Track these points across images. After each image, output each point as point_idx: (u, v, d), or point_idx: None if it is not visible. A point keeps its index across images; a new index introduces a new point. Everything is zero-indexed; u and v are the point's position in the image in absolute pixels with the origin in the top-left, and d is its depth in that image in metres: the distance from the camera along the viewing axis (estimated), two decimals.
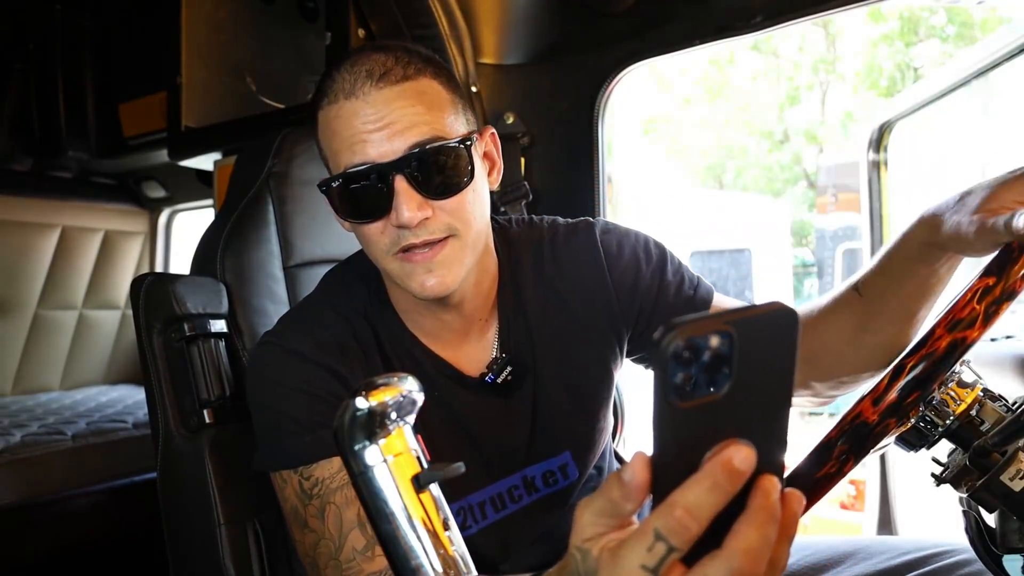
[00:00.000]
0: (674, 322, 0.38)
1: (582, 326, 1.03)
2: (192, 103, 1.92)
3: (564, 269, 1.04)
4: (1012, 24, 1.78)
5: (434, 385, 0.98)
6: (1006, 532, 0.71)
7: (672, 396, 0.38)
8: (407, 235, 0.87)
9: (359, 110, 0.86)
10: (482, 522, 1.00)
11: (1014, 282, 0.67)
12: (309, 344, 0.94)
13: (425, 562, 0.53)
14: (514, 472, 1.02)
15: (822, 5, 1.29)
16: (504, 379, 0.98)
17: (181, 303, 1.18)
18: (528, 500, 1.02)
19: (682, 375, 0.38)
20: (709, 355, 0.38)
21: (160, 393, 1.18)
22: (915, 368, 0.66)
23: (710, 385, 0.39)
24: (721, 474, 0.39)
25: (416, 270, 0.89)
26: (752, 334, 0.39)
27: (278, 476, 0.92)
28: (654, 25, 1.47)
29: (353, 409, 0.51)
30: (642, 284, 1.03)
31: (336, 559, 0.85)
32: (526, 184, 1.63)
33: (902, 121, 2.27)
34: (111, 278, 3.05)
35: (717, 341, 0.38)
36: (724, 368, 0.39)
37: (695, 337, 0.38)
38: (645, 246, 1.06)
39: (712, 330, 0.38)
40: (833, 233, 7.71)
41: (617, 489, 0.42)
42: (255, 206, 1.31)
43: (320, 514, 0.87)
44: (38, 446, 2.01)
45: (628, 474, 0.41)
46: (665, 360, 0.38)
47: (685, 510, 0.39)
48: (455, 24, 1.63)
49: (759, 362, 0.39)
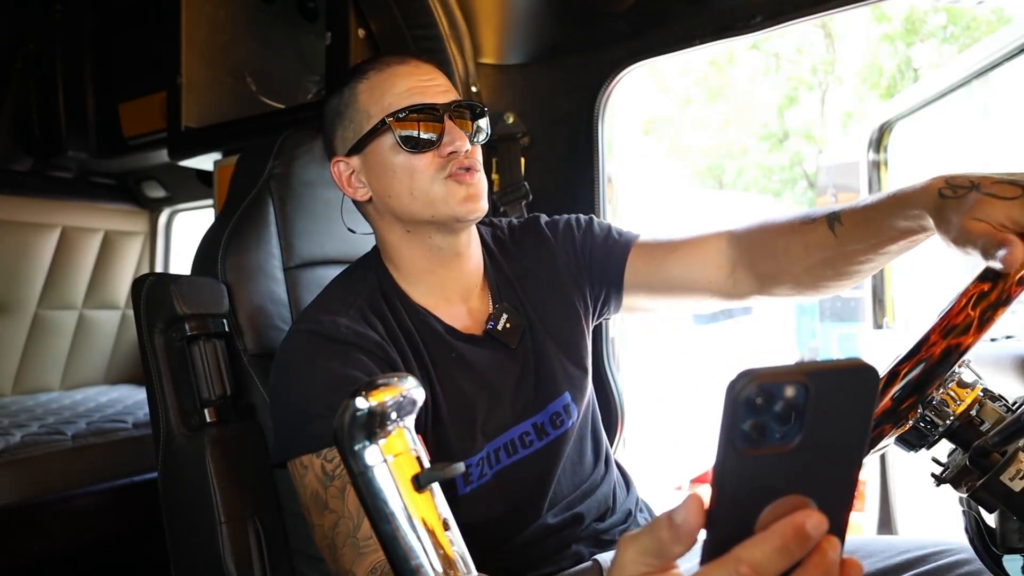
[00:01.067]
0: (751, 370, 0.37)
1: (553, 288, 1.18)
2: (192, 103, 1.92)
3: (525, 250, 1.21)
4: (1012, 24, 1.78)
5: (450, 347, 1.08)
6: (1006, 532, 0.71)
7: (739, 442, 0.38)
8: (457, 160, 1.04)
9: (413, 71, 1.07)
10: (496, 466, 1.07)
11: (1009, 287, 0.67)
12: (341, 324, 1.02)
13: (425, 562, 0.53)
14: (526, 419, 1.11)
15: (822, 5, 1.29)
16: (503, 326, 1.12)
17: (182, 303, 1.18)
18: (539, 444, 1.11)
19: (751, 423, 0.37)
20: (782, 405, 0.37)
21: (161, 392, 1.19)
22: (909, 374, 0.66)
23: (779, 435, 0.38)
24: (791, 537, 0.38)
25: (460, 189, 1.04)
26: (828, 388, 0.38)
27: (298, 463, 0.94)
28: (654, 25, 1.47)
29: (353, 409, 0.51)
30: (576, 240, 1.21)
31: (354, 537, 0.86)
32: (526, 184, 1.63)
33: (902, 121, 2.27)
34: (111, 278, 3.05)
35: (792, 391, 0.37)
36: (796, 420, 0.38)
37: (770, 384, 0.37)
38: (576, 218, 1.24)
39: (788, 379, 0.37)
40: None
41: (667, 530, 0.41)
42: (256, 207, 1.31)
43: (340, 494, 0.89)
44: (38, 446, 2.00)
45: (681, 516, 0.40)
46: (737, 404, 0.37)
47: (751, 567, 0.39)
48: (455, 24, 1.63)
49: (832, 417, 0.38)
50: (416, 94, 1.05)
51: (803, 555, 0.39)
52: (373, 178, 1.08)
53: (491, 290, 1.17)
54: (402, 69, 1.07)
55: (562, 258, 1.20)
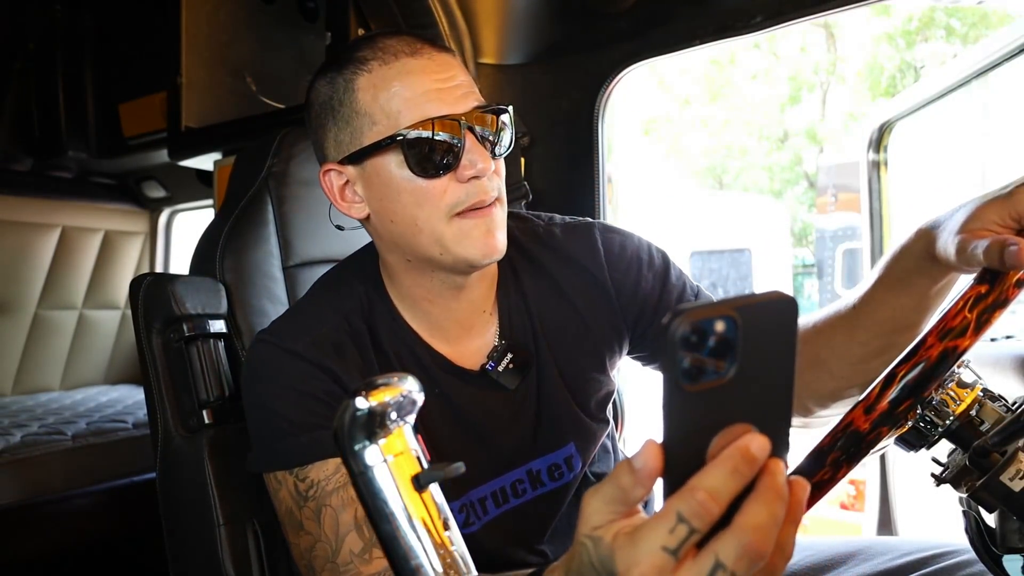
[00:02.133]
0: (681, 307, 0.40)
1: (582, 319, 1.02)
2: (192, 103, 1.92)
3: (562, 263, 1.03)
4: (1012, 24, 1.78)
5: (435, 381, 0.97)
6: (1006, 532, 0.70)
7: (681, 379, 0.40)
8: (476, 188, 0.87)
9: (427, 67, 0.87)
10: (484, 518, 1.00)
11: (1007, 290, 0.67)
12: (304, 342, 0.93)
13: (425, 562, 0.53)
14: (518, 466, 1.01)
15: (822, 5, 1.29)
16: (505, 367, 0.97)
17: (180, 303, 1.18)
18: (532, 494, 1.02)
19: (689, 359, 0.40)
20: (715, 340, 0.40)
21: (159, 393, 1.18)
22: (906, 376, 0.66)
23: (716, 370, 0.41)
24: (740, 460, 0.41)
25: (477, 228, 0.88)
26: (755, 320, 0.41)
27: (272, 477, 0.91)
28: (654, 25, 1.47)
29: (353, 409, 0.51)
30: (644, 286, 1.03)
31: (333, 562, 0.84)
32: (526, 184, 1.63)
33: (902, 121, 2.27)
34: (111, 278, 3.05)
35: (722, 326, 0.40)
36: (730, 353, 0.40)
37: (701, 321, 0.40)
38: (648, 250, 1.06)
39: (717, 315, 0.40)
40: (833, 233, 7.71)
41: (628, 475, 0.43)
42: (254, 206, 1.31)
43: (316, 516, 0.86)
44: (38, 446, 2.01)
45: (639, 460, 0.42)
46: (674, 344, 0.39)
47: (707, 493, 0.41)
48: (455, 24, 1.63)
49: (762, 347, 0.41)
50: (432, 99, 0.86)
51: (752, 475, 0.41)
52: (373, 196, 0.91)
53: (500, 314, 1.01)
54: (413, 64, 0.87)
55: (608, 294, 1.02)
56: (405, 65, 0.87)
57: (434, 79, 0.87)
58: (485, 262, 0.90)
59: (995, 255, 0.65)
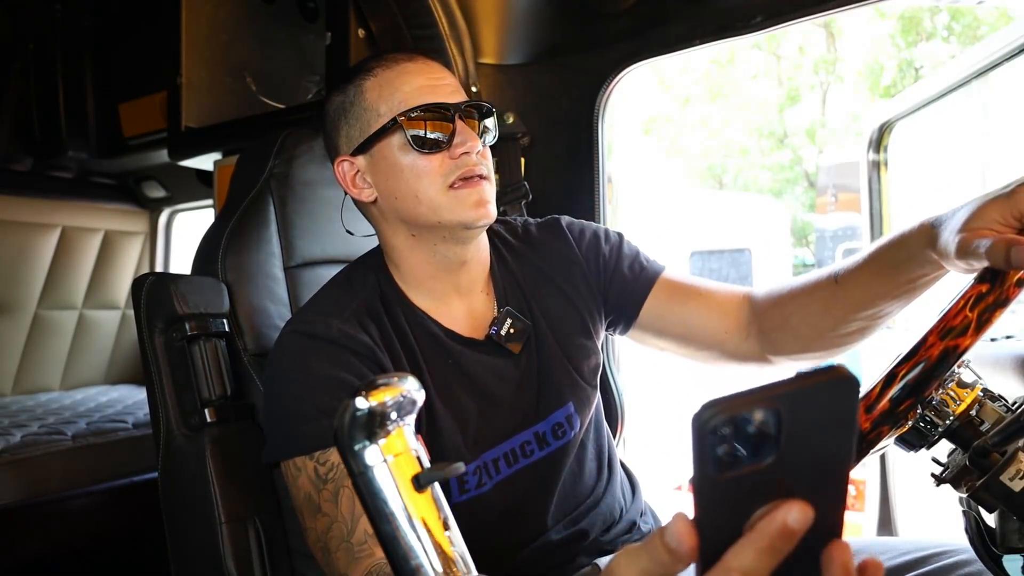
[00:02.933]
0: (715, 400, 0.37)
1: (564, 294, 1.15)
2: (192, 103, 1.92)
3: (541, 252, 1.17)
4: (1012, 24, 1.78)
5: (448, 352, 1.06)
6: (1006, 532, 0.70)
7: (712, 469, 0.37)
8: (467, 161, 1.00)
9: (423, 69, 1.04)
10: (496, 477, 1.06)
11: (1007, 290, 0.67)
12: (334, 325, 1.00)
13: (425, 562, 0.53)
14: (526, 428, 1.09)
15: (822, 5, 1.29)
16: (507, 332, 1.08)
17: (183, 303, 1.18)
18: (539, 454, 1.09)
19: (723, 449, 0.37)
20: (752, 430, 0.37)
21: (161, 392, 1.19)
22: (907, 376, 0.66)
23: (754, 456, 0.37)
24: (775, 535, 0.38)
25: (469, 195, 1.00)
26: (802, 405, 0.37)
27: (291, 465, 0.93)
28: (654, 25, 1.47)
29: (353, 409, 0.51)
30: (602, 256, 1.17)
31: (348, 541, 0.86)
32: (526, 184, 1.63)
33: (902, 121, 2.27)
34: (111, 278, 3.05)
35: (761, 416, 0.37)
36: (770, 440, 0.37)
37: (736, 415, 0.36)
38: (605, 230, 1.21)
39: (755, 406, 0.37)
40: (833, 233, 7.70)
41: (665, 554, 0.41)
42: (256, 207, 1.31)
43: (334, 498, 0.88)
44: (38, 446, 2.00)
45: (674, 541, 0.40)
46: (703, 436, 0.37)
47: (741, 573, 0.39)
48: (455, 24, 1.63)
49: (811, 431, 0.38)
50: (427, 92, 1.02)
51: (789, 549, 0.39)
52: (380, 179, 1.05)
53: (496, 292, 1.13)
54: (412, 66, 1.04)
55: (581, 268, 1.16)
56: (405, 68, 1.04)
57: (428, 78, 1.03)
58: (479, 224, 1.02)
59: (1000, 254, 0.65)
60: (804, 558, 0.40)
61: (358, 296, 1.06)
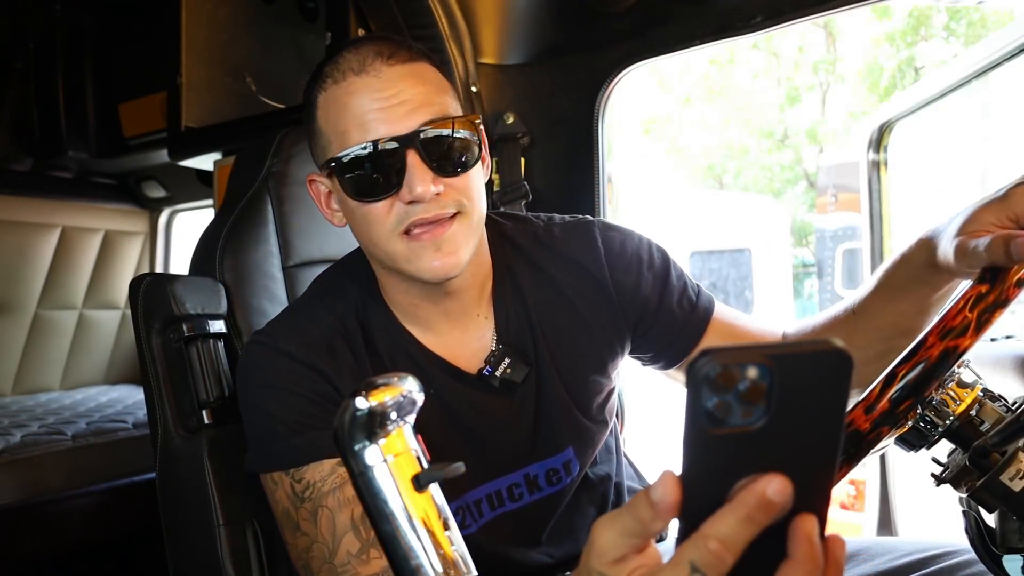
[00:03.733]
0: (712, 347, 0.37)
1: (582, 320, 1.02)
2: (192, 103, 1.92)
3: (562, 263, 1.02)
4: (1012, 24, 1.78)
5: (430, 382, 0.96)
6: (1006, 532, 0.70)
7: (703, 421, 0.38)
8: (417, 210, 0.86)
9: (371, 86, 0.86)
10: (480, 520, 1.00)
11: (1007, 290, 0.67)
12: (296, 344, 0.93)
13: (425, 562, 0.53)
14: (515, 470, 1.00)
15: (822, 5, 1.29)
16: (503, 372, 0.96)
17: (180, 303, 1.18)
18: (529, 499, 1.01)
19: (715, 402, 0.37)
20: (745, 385, 0.37)
21: (159, 393, 1.18)
22: (907, 376, 0.66)
23: (745, 416, 0.38)
24: (754, 505, 0.38)
25: (425, 249, 0.87)
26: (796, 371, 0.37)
27: (268, 478, 0.92)
28: (654, 25, 1.47)
29: (353, 409, 0.51)
30: (644, 285, 1.03)
31: (330, 563, 0.84)
32: (526, 184, 1.63)
33: (902, 121, 2.27)
34: (111, 278, 3.05)
35: (755, 372, 0.37)
36: (760, 401, 0.37)
37: (731, 365, 0.37)
38: (648, 248, 1.05)
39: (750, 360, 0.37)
40: (833, 233, 7.70)
41: (646, 508, 0.41)
42: (254, 206, 1.31)
43: (312, 517, 0.86)
44: (38, 446, 2.00)
45: (658, 493, 0.40)
46: (698, 384, 0.37)
47: (719, 542, 0.38)
48: (455, 24, 1.63)
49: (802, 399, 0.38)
50: (369, 122, 0.85)
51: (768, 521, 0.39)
52: (345, 213, 0.94)
53: (497, 317, 1.00)
54: (357, 83, 0.86)
55: (612, 296, 1.01)
56: (351, 85, 0.87)
57: (376, 99, 0.86)
58: (439, 280, 0.89)
59: (1000, 249, 0.65)
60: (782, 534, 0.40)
61: (335, 311, 0.97)
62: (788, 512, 0.39)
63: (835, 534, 0.42)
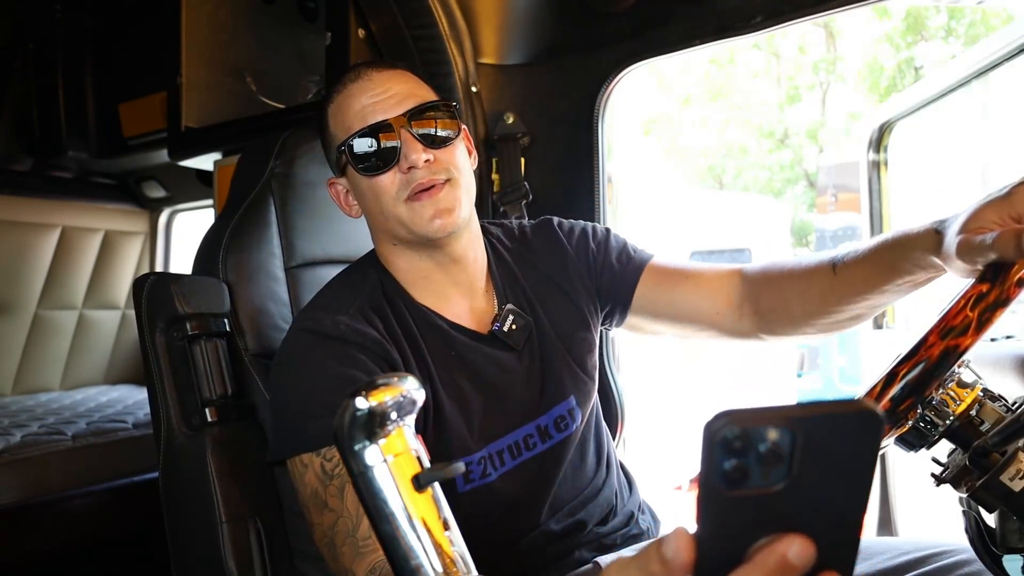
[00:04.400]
0: (729, 410, 0.36)
1: (563, 291, 1.18)
2: (192, 103, 1.92)
3: (536, 252, 1.21)
4: (1012, 24, 1.78)
5: (451, 344, 1.08)
6: (1006, 532, 0.70)
7: (719, 483, 0.36)
8: (416, 175, 1.02)
9: (365, 87, 1.06)
10: (500, 469, 1.07)
11: (1008, 289, 0.67)
12: (341, 322, 1.02)
13: (425, 562, 0.53)
14: (529, 421, 1.11)
15: (822, 5, 1.29)
16: (510, 327, 1.11)
17: (183, 302, 1.18)
18: (542, 447, 1.11)
19: (732, 464, 0.36)
20: (765, 448, 0.35)
21: (162, 392, 1.19)
22: (908, 375, 0.66)
23: (764, 478, 0.36)
24: (774, 568, 0.37)
25: (425, 208, 1.03)
26: (820, 433, 0.36)
27: (298, 462, 0.94)
28: (654, 25, 1.47)
29: (353, 409, 0.51)
30: (591, 250, 1.21)
31: (353, 536, 0.86)
32: (526, 184, 1.63)
33: (902, 121, 2.27)
34: (111, 278, 3.05)
35: (775, 435, 0.35)
36: (782, 464, 0.36)
37: (750, 428, 0.35)
38: (592, 226, 1.25)
39: (770, 424, 0.35)
40: (833, 233, 7.70)
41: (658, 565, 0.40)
42: (257, 207, 1.31)
43: (340, 493, 0.89)
44: (38, 446, 2.00)
45: (670, 551, 0.39)
46: (714, 445, 0.35)
47: None
48: (455, 24, 1.63)
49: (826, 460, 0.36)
50: (367, 113, 1.04)
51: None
52: (358, 198, 1.11)
53: (496, 290, 1.16)
54: (355, 87, 1.06)
55: (574, 265, 1.20)
56: (349, 90, 1.07)
57: (370, 95, 1.05)
58: (441, 234, 1.04)
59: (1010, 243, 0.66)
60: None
61: (361, 292, 1.08)
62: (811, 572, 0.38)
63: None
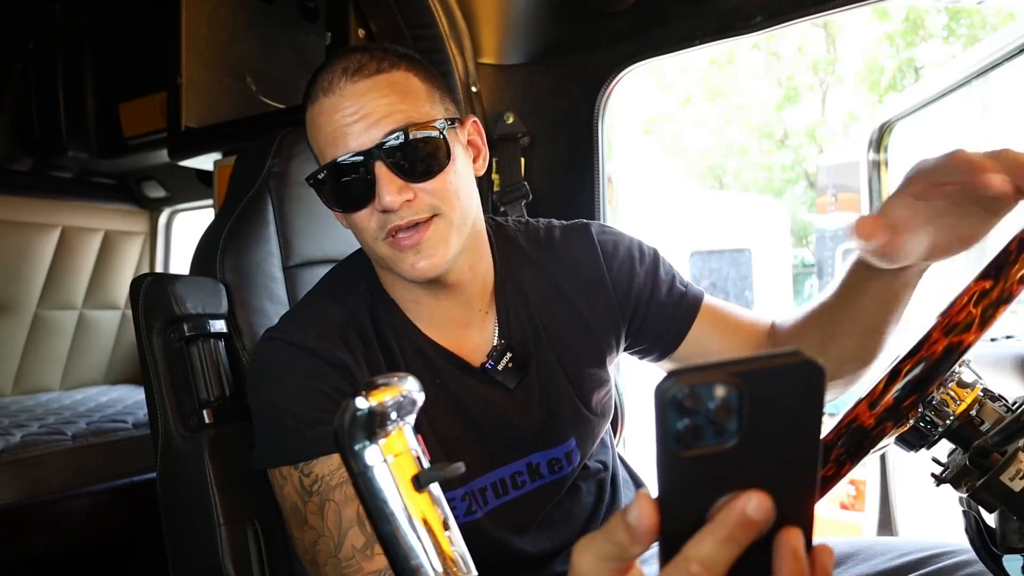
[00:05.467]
0: (676, 368, 0.36)
1: (582, 317, 1.06)
2: (192, 103, 1.92)
3: (562, 264, 1.07)
4: (1012, 24, 1.77)
5: (437, 372, 1.00)
6: (1006, 532, 0.70)
7: (672, 444, 0.36)
8: (392, 218, 0.90)
9: (336, 105, 0.90)
10: (485, 507, 1.02)
11: (1011, 285, 0.66)
12: (311, 336, 0.96)
13: (425, 562, 0.53)
14: (518, 459, 1.03)
15: (822, 5, 1.29)
16: (504, 365, 1.00)
17: (180, 303, 1.18)
18: (531, 486, 1.04)
19: (684, 424, 0.36)
20: (714, 405, 0.36)
21: (160, 393, 1.18)
22: (911, 372, 0.66)
23: (716, 435, 0.36)
24: (735, 524, 0.37)
25: (405, 254, 0.92)
26: (765, 386, 0.36)
27: (277, 473, 0.92)
28: (654, 25, 1.47)
29: (353, 409, 0.51)
30: (637, 280, 1.08)
31: (335, 557, 0.85)
32: (526, 184, 1.63)
33: (902, 121, 2.27)
34: (111, 278, 3.05)
35: (722, 392, 0.36)
36: (731, 420, 0.36)
37: (697, 386, 0.36)
38: (639, 246, 1.11)
39: (716, 380, 0.36)
40: (833, 233, 7.69)
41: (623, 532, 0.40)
42: (255, 206, 1.31)
43: (320, 511, 0.87)
44: (38, 446, 2.00)
45: (634, 517, 0.39)
46: (664, 406, 0.36)
47: (701, 564, 0.37)
48: (455, 24, 1.63)
49: (775, 414, 0.37)
50: (338, 138, 0.90)
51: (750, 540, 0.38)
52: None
53: (499, 313, 1.04)
54: (326, 104, 0.91)
55: (607, 292, 1.06)
56: (321, 106, 0.92)
57: (341, 116, 0.90)
58: (423, 280, 0.93)
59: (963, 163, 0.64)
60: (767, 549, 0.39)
61: (345, 307, 1.00)
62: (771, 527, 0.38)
63: (823, 544, 0.41)
